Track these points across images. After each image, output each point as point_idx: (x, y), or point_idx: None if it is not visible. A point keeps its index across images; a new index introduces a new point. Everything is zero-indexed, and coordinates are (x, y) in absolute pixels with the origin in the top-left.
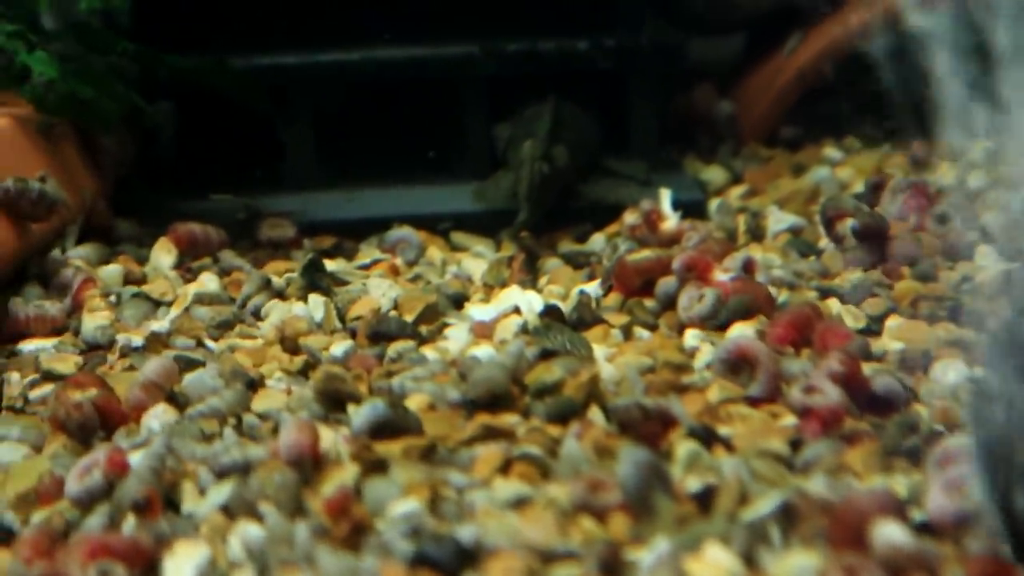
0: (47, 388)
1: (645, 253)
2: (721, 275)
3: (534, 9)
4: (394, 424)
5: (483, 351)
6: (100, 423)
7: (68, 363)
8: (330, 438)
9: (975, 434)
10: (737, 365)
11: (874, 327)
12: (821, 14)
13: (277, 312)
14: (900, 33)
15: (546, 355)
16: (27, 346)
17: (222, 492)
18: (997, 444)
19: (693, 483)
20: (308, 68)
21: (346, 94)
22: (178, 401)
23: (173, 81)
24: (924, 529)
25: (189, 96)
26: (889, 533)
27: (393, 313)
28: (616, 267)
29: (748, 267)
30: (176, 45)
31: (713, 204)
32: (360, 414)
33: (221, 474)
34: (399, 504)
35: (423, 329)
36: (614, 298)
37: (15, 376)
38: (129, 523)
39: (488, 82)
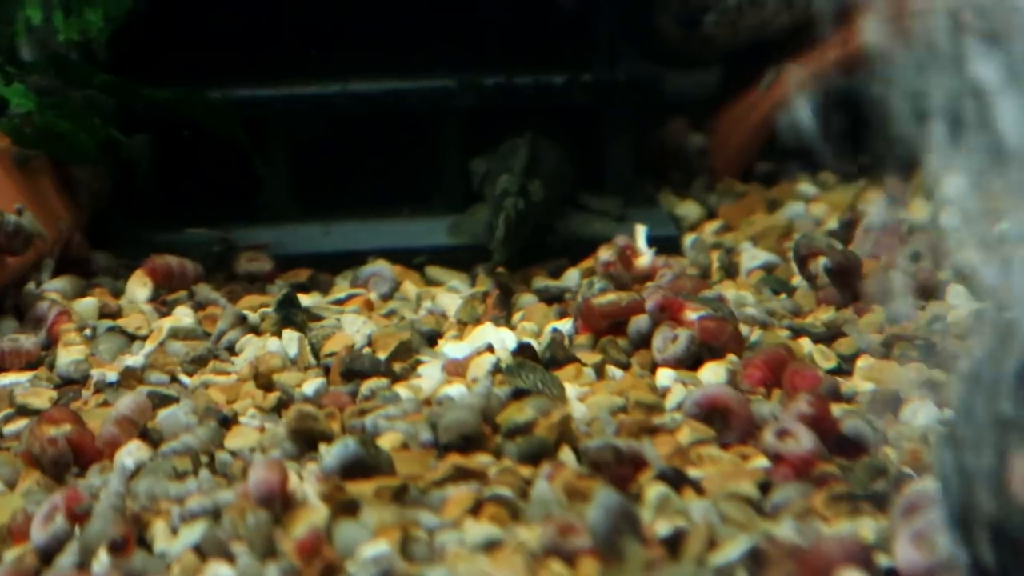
0: (22, 423)
1: (610, 296)
2: (691, 314)
3: (511, 43)
4: (366, 463)
5: (456, 390)
6: (74, 459)
7: (43, 398)
8: (301, 478)
9: (942, 483)
10: (710, 415)
11: (845, 367)
12: (798, 49)
13: (251, 348)
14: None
15: (518, 394)
16: (2, 380)
17: (194, 532)
18: (964, 493)
19: (663, 527)
20: (285, 101)
21: (323, 127)
22: (151, 438)
23: (150, 113)
24: None
25: (166, 128)
26: None
27: (367, 350)
28: (582, 309)
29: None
30: (154, 77)
31: (688, 240)
32: (332, 453)
33: (191, 517)
34: (369, 546)
35: (396, 367)
36: (587, 336)
37: None
38: (100, 563)
39: (464, 116)
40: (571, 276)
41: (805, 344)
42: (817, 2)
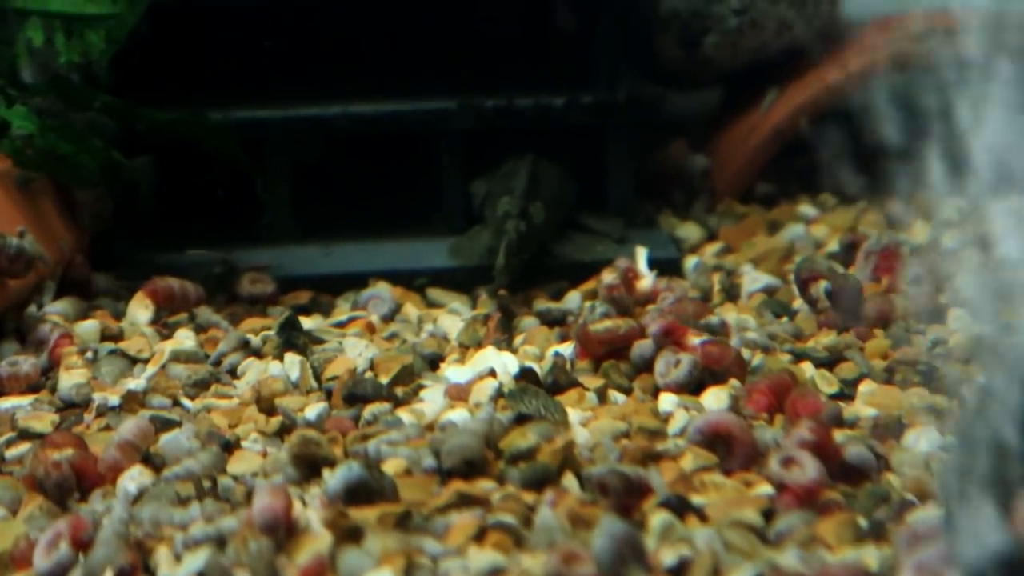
0: (24, 447)
1: (607, 324)
2: (694, 338)
3: (511, 65)
4: (369, 487)
5: (458, 415)
6: (76, 484)
7: (44, 421)
8: (305, 504)
9: (946, 515)
10: (713, 442)
11: (847, 391)
12: (798, 70)
13: (253, 371)
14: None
15: (521, 420)
16: (3, 404)
17: (198, 559)
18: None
19: (667, 555)
20: (286, 122)
21: (323, 148)
22: (154, 462)
23: (151, 134)
24: None
25: (168, 149)
26: None
27: (369, 374)
28: (580, 335)
29: (721, 330)
30: (156, 98)
31: (689, 262)
32: (336, 476)
33: (194, 544)
34: (373, 574)
35: (398, 391)
36: (588, 361)
37: None
38: None
39: (465, 137)
40: (572, 298)
41: (807, 369)
42: (817, 25)
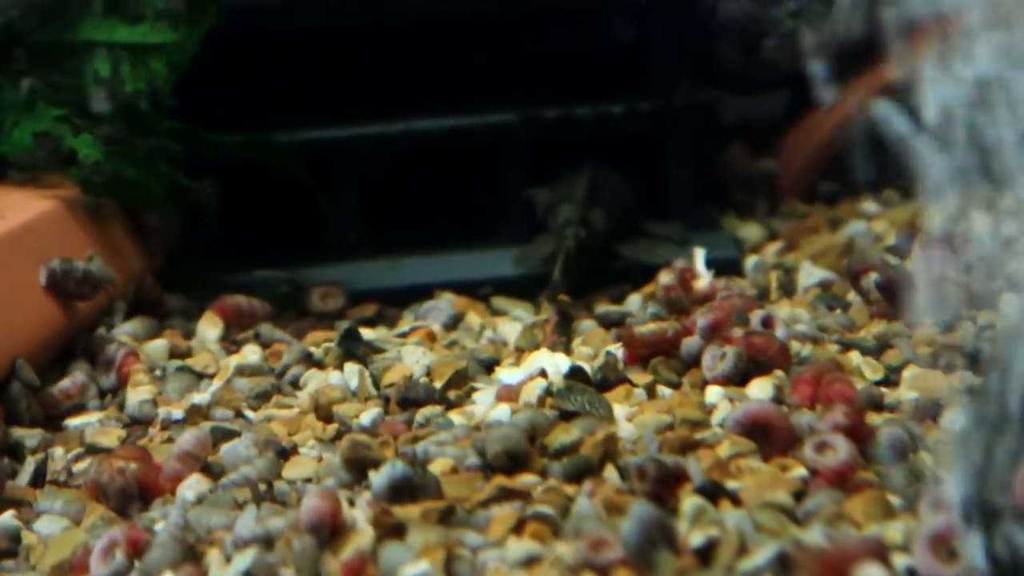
0: (91, 461)
1: (651, 326)
2: (739, 330)
3: (569, 75)
4: (413, 484)
5: (502, 412)
6: (139, 495)
7: (111, 437)
8: (352, 504)
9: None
10: (751, 431)
11: (892, 377)
12: (860, 68)
13: (315, 381)
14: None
15: (566, 416)
16: (73, 421)
17: (245, 558)
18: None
19: (696, 537)
20: (351, 141)
21: (389, 164)
22: (213, 471)
23: (218, 157)
24: (911, 575)
25: (237, 170)
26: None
27: (424, 379)
28: (626, 336)
29: (767, 323)
30: (220, 121)
31: (749, 262)
32: (380, 475)
33: (243, 544)
34: (412, 566)
35: (451, 394)
36: (636, 363)
37: (59, 451)
38: None
39: (527, 148)
40: (633, 301)
41: (854, 357)
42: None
